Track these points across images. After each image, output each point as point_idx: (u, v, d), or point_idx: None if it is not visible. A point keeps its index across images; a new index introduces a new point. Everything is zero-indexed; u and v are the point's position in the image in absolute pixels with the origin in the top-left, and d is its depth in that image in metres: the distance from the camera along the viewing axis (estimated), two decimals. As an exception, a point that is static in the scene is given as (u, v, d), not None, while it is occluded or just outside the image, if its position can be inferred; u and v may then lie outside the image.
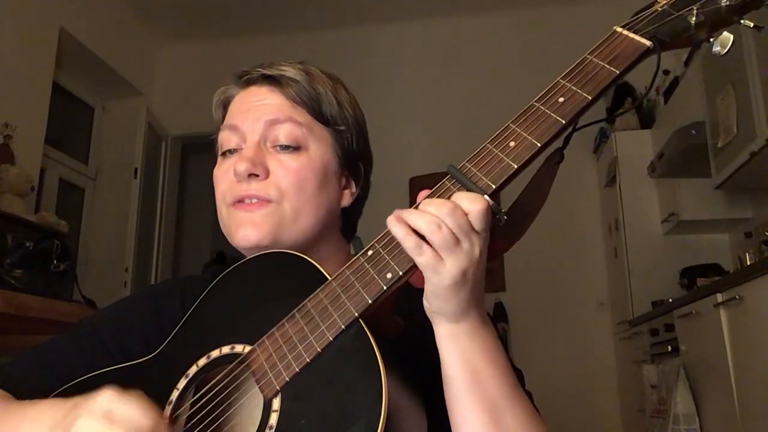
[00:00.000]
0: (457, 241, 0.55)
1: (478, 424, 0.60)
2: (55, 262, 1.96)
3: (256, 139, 0.76)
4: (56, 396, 0.68)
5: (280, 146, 0.75)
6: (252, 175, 0.74)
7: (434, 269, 0.56)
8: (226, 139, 0.79)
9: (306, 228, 0.75)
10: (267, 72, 0.78)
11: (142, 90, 4.31)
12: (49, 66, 3.43)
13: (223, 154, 0.79)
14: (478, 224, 0.56)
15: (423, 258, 0.56)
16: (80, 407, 0.55)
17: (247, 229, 0.73)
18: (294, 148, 0.75)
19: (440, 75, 4.34)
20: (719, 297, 2.29)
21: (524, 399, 0.63)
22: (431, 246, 0.55)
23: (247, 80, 0.80)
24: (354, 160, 0.81)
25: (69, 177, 3.94)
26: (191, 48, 4.61)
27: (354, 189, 0.82)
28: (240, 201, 0.75)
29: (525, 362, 0.79)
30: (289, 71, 0.78)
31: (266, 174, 0.74)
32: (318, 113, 0.78)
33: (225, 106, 0.82)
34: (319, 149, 0.77)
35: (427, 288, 0.58)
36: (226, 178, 0.77)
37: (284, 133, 0.75)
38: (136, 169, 4.07)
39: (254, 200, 0.74)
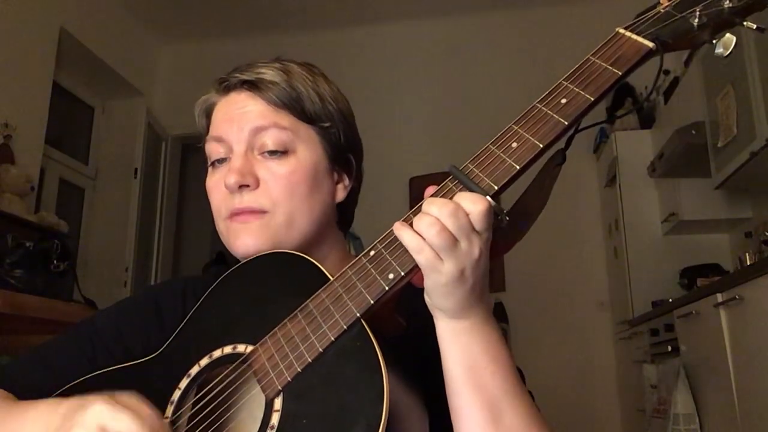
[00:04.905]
0: (455, 241, 0.56)
1: (478, 422, 0.60)
2: (55, 262, 1.96)
3: (242, 149, 0.75)
4: (56, 397, 0.68)
5: (268, 152, 0.75)
6: (243, 186, 0.74)
7: (434, 268, 0.57)
8: (213, 150, 0.78)
9: (303, 231, 0.76)
10: (245, 77, 0.77)
11: (142, 90, 4.31)
12: (49, 66, 3.43)
13: (212, 164, 0.79)
14: (479, 224, 0.57)
15: (422, 256, 0.57)
16: (74, 418, 0.55)
17: (246, 239, 0.74)
18: (282, 152, 0.75)
19: (440, 75, 4.34)
20: (719, 297, 2.28)
21: (526, 398, 0.63)
22: (431, 246, 0.56)
23: (226, 87, 0.79)
24: (344, 153, 0.81)
25: (69, 177, 3.93)
26: (191, 48, 4.61)
27: (347, 182, 0.82)
28: (235, 214, 0.75)
29: (525, 362, 0.79)
30: (268, 73, 0.77)
31: (257, 183, 0.74)
32: (301, 113, 0.77)
33: (208, 114, 0.82)
34: (307, 150, 0.76)
35: (426, 284, 0.59)
36: (218, 190, 0.77)
37: (270, 139, 0.75)
38: (136, 169, 4.07)
39: (248, 213, 0.74)
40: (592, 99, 0.60)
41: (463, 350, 0.60)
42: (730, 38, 0.63)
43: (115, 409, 0.54)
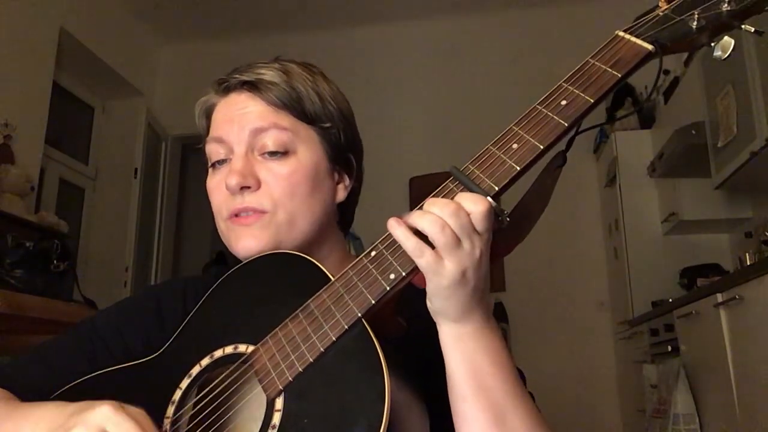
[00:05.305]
0: (458, 241, 0.56)
1: (481, 425, 0.60)
2: (55, 262, 1.96)
3: (243, 150, 0.75)
4: (57, 397, 0.68)
5: (268, 153, 0.75)
6: (245, 188, 0.74)
7: (435, 271, 0.57)
8: (213, 151, 0.78)
9: (304, 231, 0.76)
10: (245, 78, 0.77)
11: (142, 90, 4.31)
12: (49, 66, 3.43)
13: (213, 165, 0.79)
14: (480, 225, 0.57)
15: (423, 259, 0.57)
16: (79, 415, 0.55)
17: (247, 241, 0.74)
18: (282, 153, 0.75)
19: (440, 75, 4.34)
20: (719, 297, 2.29)
21: (529, 400, 0.63)
22: (433, 246, 0.56)
23: (225, 88, 0.79)
24: (344, 153, 0.81)
25: (69, 177, 3.93)
26: (191, 48, 4.61)
27: (347, 182, 0.82)
28: (236, 215, 0.75)
29: (525, 362, 0.79)
30: (267, 74, 0.77)
31: (258, 184, 0.74)
32: (301, 114, 0.77)
33: (208, 115, 0.82)
34: (308, 150, 0.77)
35: (429, 287, 0.59)
36: (219, 191, 0.77)
37: (270, 140, 0.75)
38: (136, 169, 4.07)
39: (250, 213, 0.74)
40: (592, 101, 0.61)
41: (466, 355, 0.61)
42: (728, 41, 0.63)
43: (119, 415, 0.54)
